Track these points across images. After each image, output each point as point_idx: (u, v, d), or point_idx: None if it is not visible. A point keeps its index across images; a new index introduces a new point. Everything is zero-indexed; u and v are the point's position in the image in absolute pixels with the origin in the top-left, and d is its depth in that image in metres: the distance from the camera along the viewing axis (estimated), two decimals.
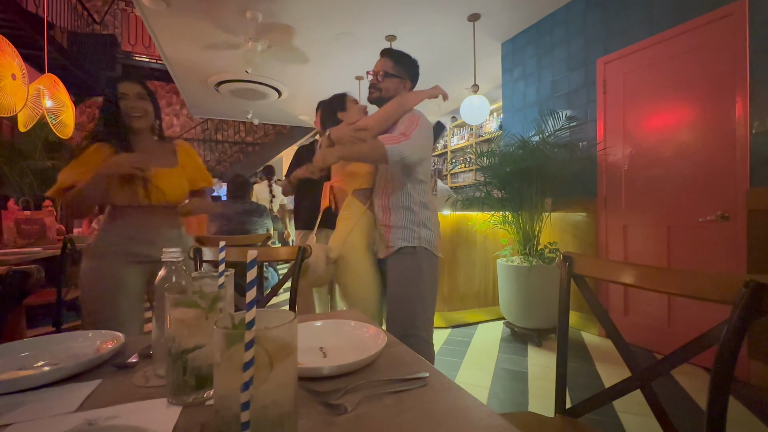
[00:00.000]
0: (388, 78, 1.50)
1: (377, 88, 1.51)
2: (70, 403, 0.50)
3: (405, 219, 1.44)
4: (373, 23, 3.45)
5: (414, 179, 1.45)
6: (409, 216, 1.44)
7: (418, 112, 1.45)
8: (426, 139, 1.42)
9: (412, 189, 1.45)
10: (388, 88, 1.51)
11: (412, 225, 1.43)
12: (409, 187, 1.45)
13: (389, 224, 1.45)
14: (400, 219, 1.44)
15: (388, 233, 1.45)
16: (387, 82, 1.50)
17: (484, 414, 0.46)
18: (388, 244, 1.44)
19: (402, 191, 1.45)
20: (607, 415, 1.66)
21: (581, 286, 0.87)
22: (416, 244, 1.41)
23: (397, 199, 1.45)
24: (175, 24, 3.52)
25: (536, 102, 3.39)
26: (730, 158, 2.11)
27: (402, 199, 1.44)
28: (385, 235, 1.46)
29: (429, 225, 1.46)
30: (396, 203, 1.45)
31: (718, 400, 0.59)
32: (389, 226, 1.45)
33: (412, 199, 1.45)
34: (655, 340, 2.47)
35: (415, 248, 1.41)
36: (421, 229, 1.44)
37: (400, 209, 1.44)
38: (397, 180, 1.45)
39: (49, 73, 3.10)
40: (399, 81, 1.52)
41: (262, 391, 0.33)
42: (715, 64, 2.18)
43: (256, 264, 0.35)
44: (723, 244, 2.15)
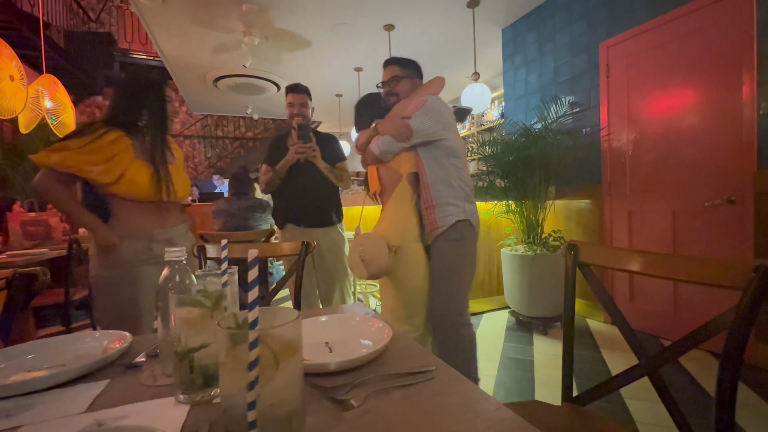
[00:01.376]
0: (400, 81, 1.60)
1: (394, 93, 1.61)
2: (79, 404, 0.50)
3: (448, 195, 1.46)
4: (371, 13, 3.40)
5: (450, 156, 1.49)
6: (450, 191, 1.47)
7: (427, 97, 1.49)
8: (433, 118, 1.45)
9: (451, 166, 1.49)
10: (404, 90, 1.60)
11: (456, 200, 1.47)
12: (447, 165, 1.48)
13: (432, 203, 1.46)
14: (443, 195, 1.46)
15: (432, 213, 1.46)
16: (401, 86, 1.60)
17: (492, 406, 0.46)
18: (436, 224, 1.45)
19: (441, 169, 1.48)
20: (614, 402, 1.67)
21: (586, 275, 0.87)
22: (462, 217, 1.45)
23: (435, 178, 1.47)
24: (171, 20, 3.48)
25: (538, 88, 3.34)
26: (736, 141, 2.08)
27: (440, 175, 1.47)
28: (428, 218, 1.47)
29: (470, 199, 1.52)
30: (435, 180, 1.47)
31: (728, 386, 0.59)
32: (432, 206, 1.46)
33: (450, 174, 1.48)
34: (661, 326, 2.46)
35: (463, 224, 1.45)
36: (464, 203, 1.48)
37: (441, 186, 1.47)
38: (433, 159, 1.48)
39: (48, 73, 3.10)
40: (410, 81, 1.61)
41: (268, 389, 0.33)
42: (721, 44, 2.13)
43: (257, 263, 0.35)
44: (729, 228, 2.12)
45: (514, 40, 3.60)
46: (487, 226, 3.13)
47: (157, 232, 1.30)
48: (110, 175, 1.20)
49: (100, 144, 1.18)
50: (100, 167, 1.18)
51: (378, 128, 1.52)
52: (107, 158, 1.20)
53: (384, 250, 1.40)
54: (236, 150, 8.74)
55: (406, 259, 1.46)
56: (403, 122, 1.45)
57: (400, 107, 1.57)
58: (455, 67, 4.60)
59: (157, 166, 1.27)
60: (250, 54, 3.91)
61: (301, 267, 1.27)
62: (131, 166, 1.23)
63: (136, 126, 1.29)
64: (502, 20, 3.58)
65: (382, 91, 1.65)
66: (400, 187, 1.50)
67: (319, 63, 4.55)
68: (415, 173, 1.51)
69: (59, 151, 1.15)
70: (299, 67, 4.64)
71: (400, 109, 1.56)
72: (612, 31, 2.70)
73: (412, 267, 1.47)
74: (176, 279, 0.59)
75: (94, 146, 1.18)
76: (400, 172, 1.51)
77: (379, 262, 1.41)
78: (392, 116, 1.55)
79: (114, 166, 1.21)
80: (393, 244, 1.43)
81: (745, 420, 1.51)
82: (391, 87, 1.60)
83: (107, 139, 1.20)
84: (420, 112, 1.44)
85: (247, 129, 8.94)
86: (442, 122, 1.47)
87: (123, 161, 1.22)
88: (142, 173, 1.24)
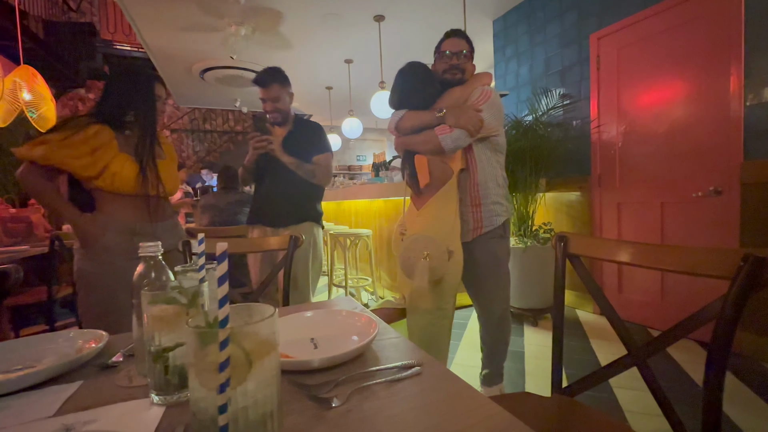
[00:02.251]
0: (469, 61, 1.47)
1: (461, 69, 1.45)
2: (48, 407, 0.48)
3: (496, 194, 1.43)
4: (360, 3, 3.34)
5: (497, 152, 1.45)
6: (498, 191, 1.44)
7: (489, 87, 1.42)
8: (497, 112, 1.39)
9: (497, 163, 1.45)
10: (470, 70, 1.47)
11: (502, 199, 1.45)
12: (494, 162, 1.44)
13: (480, 203, 1.42)
14: (493, 195, 1.43)
15: (478, 212, 1.42)
16: (469, 65, 1.47)
17: (481, 402, 0.45)
18: (482, 223, 1.42)
19: (490, 166, 1.43)
20: (603, 391, 1.69)
21: (576, 266, 0.86)
22: (506, 216, 1.45)
23: (486, 175, 1.42)
24: (155, 9, 3.38)
25: (529, 81, 3.33)
26: (723, 132, 2.09)
27: (490, 172, 1.43)
28: (475, 216, 1.42)
29: (509, 196, 1.52)
30: (485, 178, 1.42)
31: (715, 375, 0.59)
32: (479, 204, 1.42)
33: (497, 172, 1.45)
34: (648, 315, 2.50)
35: (507, 222, 1.45)
36: (507, 202, 1.47)
37: (491, 185, 1.43)
38: (485, 155, 1.43)
39: (26, 64, 2.98)
40: (473, 65, 1.50)
41: (240, 391, 0.31)
42: (710, 36, 2.13)
43: (226, 257, 0.32)
44: (716, 218, 2.15)
45: (505, 32, 3.58)
46: None
47: (142, 226, 1.28)
48: (93, 168, 1.18)
49: (82, 137, 1.16)
50: (82, 160, 1.16)
51: (449, 119, 1.34)
52: (90, 151, 1.17)
53: (445, 255, 1.35)
54: (225, 144, 8.59)
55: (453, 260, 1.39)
56: (477, 115, 1.33)
57: (461, 94, 1.41)
58: None
59: (143, 161, 1.25)
60: (238, 45, 3.82)
61: (289, 262, 1.25)
62: (115, 160, 1.21)
63: (123, 120, 1.26)
64: (493, 11, 3.55)
65: (445, 63, 1.44)
66: (450, 184, 1.38)
67: (309, 54, 4.47)
68: (463, 170, 1.42)
69: (41, 144, 1.13)
70: (288, 58, 4.56)
71: (462, 96, 1.41)
72: (602, 23, 2.69)
73: (454, 268, 1.40)
74: (151, 275, 0.56)
75: (76, 139, 1.15)
76: (452, 168, 1.39)
77: (443, 268, 1.35)
78: (456, 105, 1.38)
79: (97, 159, 1.18)
80: (451, 248, 1.36)
81: (731, 408, 1.54)
82: (460, 61, 1.42)
83: (89, 132, 1.18)
84: (487, 104, 1.34)
85: (236, 122, 8.79)
86: (501, 117, 1.42)
87: (106, 154, 1.20)
88: (126, 167, 1.22)
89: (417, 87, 1.46)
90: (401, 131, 1.49)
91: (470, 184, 1.42)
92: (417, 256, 1.38)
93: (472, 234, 1.43)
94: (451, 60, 1.43)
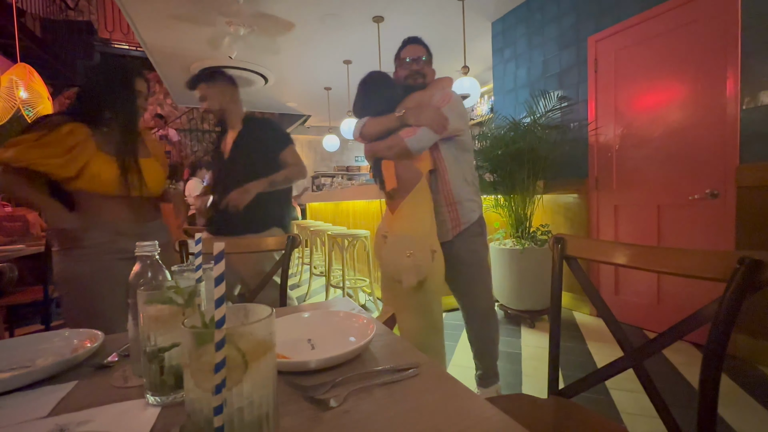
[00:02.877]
0: (427, 64, 1.52)
1: (422, 74, 1.49)
2: (42, 407, 0.47)
3: (468, 192, 1.48)
4: (359, 4, 3.34)
5: (465, 151, 1.49)
6: (469, 188, 1.48)
7: (450, 90, 1.47)
8: (460, 113, 1.43)
9: (465, 162, 1.49)
10: (429, 74, 1.52)
11: (474, 196, 1.49)
12: (462, 161, 1.48)
13: (454, 201, 1.46)
14: (465, 192, 1.47)
15: (455, 211, 1.46)
16: (428, 69, 1.52)
17: (477, 404, 0.45)
18: (460, 221, 1.46)
19: (459, 165, 1.47)
20: (599, 393, 1.69)
21: (573, 268, 0.86)
22: (480, 212, 1.50)
23: (455, 175, 1.46)
24: (153, 8, 3.37)
25: (527, 83, 3.34)
26: (720, 135, 2.11)
27: (459, 172, 1.47)
28: (452, 215, 1.46)
29: (479, 194, 1.55)
30: (455, 177, 1.46)
31: (711, 377, 0.59)
32: (455, 203, 1.46)
33: (466, 171, 1.49)
34: (645, 317, 2.51)
35: (482, 218, 1.50)
36: (478, 198, 1.52)
37: (462, 183, 1.47)
38: (452, 155, 1.46)
39: (23, 62, 2.97)
40: (432, 70, 1.54)
41: (236, 392, 0.31)
42: (707, 39, 2.15)
43: (223, 257, 0.32)
44: (712, 221, 2.16)
45: (504, 34, 3.59)
46: None
47: (125, 226, 1.24)
48: (70, 168, 1.13)
49: (55, 136, 1.11)
50: (57, 160, 1.11)
51: (410, 119, 1.36)
52: (65, 150, 1.12)
53: (429, 254, 1.35)
54: None
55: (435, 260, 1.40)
56: (440, 112, 1.35)
57: (422, 97, 1.44)
58: (444, 60, 4.57)
59: (124, 160, 1.20)
60: (236, 45, 3.82)
61: (286, 262, 1.25)
62: (94, 159, 1.16)
63: (101, 118, 1.21)
64: (491, 13, 3.56)
65: (405, 69, 1.47)
66: (421, 185, 1.39)
67: (308, 55, 4.47)
68: (432, 171, 1.46)
69: (13, 146, 1.09)
70: (287, 58, 4.56)
71: (424, 99, 1.43)
72: (600, 25, 2.70)
73: (437, 267, 1.40)
74: (148, 275, 0.56)
75: (50, 139, 1.10)
76: (420, 170, 1.40)
77: (427, 267, 1.34)
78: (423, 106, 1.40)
79: (73, 158, 1.13)
80: (434, 247, 1.37)
81: (725, 410, 1.54)
82: (420, 66, 1.47)
83: (63, 130, 1.13)
84: (449, 105, 1.39)
85: None
86: (465, 117, 1.45)
87: (83, 154, 1.15)
88: (106, 167, 1.17)
89: (378, 94, 1.48)
90: (366, 138, 1.49)
91: (441, 185, 1.46)
92: (401, 257, 1.36)
93: (451, 233, 1.47)
94: (411, 66, 1.48)
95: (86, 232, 1.17)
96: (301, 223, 4.85)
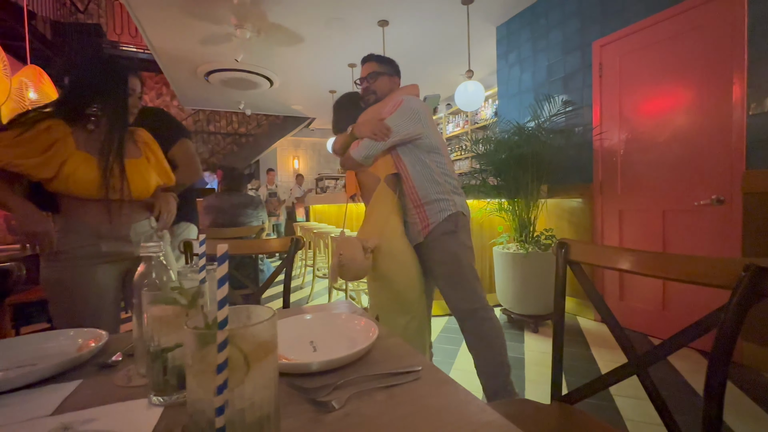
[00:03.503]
0: (378, 78, 1.58)
1: (371, 91, 1.59)
2: (46, 405, 0.48)
3: (436, 192, 1.47)
4: (365, 8, 3.37)
5: (430, 152, 1.49)
6: (437, 188, 1.47)
7: (403, 97, 1.49)
8: (411, 117, 1.45)
9: (432, 162, 1.49)
10: (382, 87, 1.59)
11: (445, 195, 1.48)
12: (428, 162, 1.49)
13: (421, 202, 1.48)
14: (431, 193, 1.47)
15: (422, 212, 1.47)
16: (379, 83, 1.59)
17: (479, 408, 0.45)
18: (428, 221, 1.46)
19: (424, 167, 1.48)
20: (603, 399, 1.67)
21: (577, 273, 0.86)
22: (454, 210, 1.46)
23: (420, 177, 1.48)
24: (161, 11, 3.41)
25: (532, 87, 3.34)
26: (726, 141, 2.09)
27: (424, 173, 1.48)
28: (421, 216, 1.48)
29: (457, 191, 1.52)
30: (420, 179, 1.48)
31: (716, 385, 0.58)
32: (421, 204, 1.48)
33: (433, 171, 1.48)
34: (650, 323, 2.48)
35: (456, 216, 1.45)
36: (453, 196, 1.48)
37: (429, 184, 1.48)
38: (414, 158, 1.48)
39: (33, 64, 3.01)
40: (388, 78, 1.60)
41: (238, 393, 0.31)
42: (713, 44, 2.14)
43: (227, 259, 0.33)
44: (718, 227, 2.14)
45: (509, 38, 3.59)
46: (480, 225, 3.13)
47: (107, 229, 1.16)
48: (48, 168, 1.05)
49: (32, 134, 1.03)
50: (33, 160, 1.03)
51: (355, 132, 1.51)
52: (42, 149, 1.04)
53: (359, 253, 1.39)
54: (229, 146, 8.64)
55: (392, 256, 1.46)
56: (380, 122, 1.45)
57: (375, 109, 1.56)
58: (449, 64, 4.59)
59: (106, 160, 1.11)
60: (242, 48, 3.86)
61: (290, 264, 1.25)
62: (71, 159, 1.07)
63: (84, 115, 1.13)
64: (496, 17, 3.57)
65: (360, 90, 1.64)
66: (379, 189, 1.50)
67: (313, 58, 4.50)
68: (395, 174, 1.52)
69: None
70: (292, 61, 4.59)
71: (376, 111, 1.55)
72: (605, 30, 2.70)
73: (401, 263, 1.46)
74: (152, 275, 0.56)
75: (26, 137, 1.02)
76: (378, 176, 1.50)
77: (356, 265, 1.39)
78: (368, 118, 1.54)
79: (50, 158, 1.05)
80: (369, 245, 1.42)
81: (730, 418, 1.52)
82: (369, 83, 1.59)
83: (40, 127, 1.05)
84: (397, 112, 1.45)
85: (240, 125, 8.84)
86: (419, 121, 1.47)
87: (61, 152, 1.06)
88: (83, 167, 1.08)
89: (345, 113, 1.67)
90: (336, 153, 1.65)
91: (407, 188, 1.51)
92: (336, 260, 1.44)
93: (422, 234, 1.48)
94: (362, 85, 1.62)
95: (66, 236, 1.11)
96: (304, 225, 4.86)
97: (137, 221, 1.25)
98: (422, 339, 1.51)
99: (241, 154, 8.34)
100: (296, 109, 7.10)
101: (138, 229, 1.24)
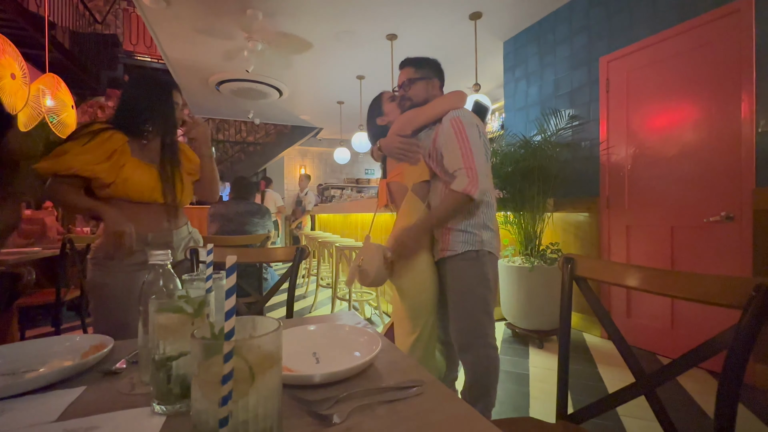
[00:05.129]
0: (414, 84, 1.49)
1: (407, 98, 1.50)
2: (50, 411, 0.48)
3: (465, 222, 1.35)
4: (374, 21, 3.43)
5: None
6: (468, 219, 1.35)
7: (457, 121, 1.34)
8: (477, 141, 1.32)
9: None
10: (417, 93, 1.48)
11: (473, 228, 1.35)
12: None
13: (448, 226, 1.37)
14: (460, 222, 1.35)
15: (447, 235, 1.38)
16: (414, 89, 1.49)
17: (483, 426, 0.44)
18: (447, 247, 1.37)
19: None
20: (609, 419, 1.63)
21: (583, 289, 0.85)
22: (479, 248, 1.33)
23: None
24: (176, 23, 3.51)
25: (538, 101, 3.36)
26: (735, 158, 2.08)
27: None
28: (444, 237, 1.39)
29: (491, 225, 1.39)
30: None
31: (727, 407, 0.57)
32: (449, 228, 1.37)
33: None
34: (658, 342, 2.43)
35: (478, 252, 1.33)
36: (482, 231, 1.35)
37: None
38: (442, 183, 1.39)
39: (51, 72, 3.10)
40: (426, 82, 1.49)
41: (242, 405, 0.31)
42: (721, 61, 2.14)
43: (235, 270, 0.33)
44: (728, 245, 2.11)
45: (515, 53, 3.63)
46: None
47: (154, 236, 1.26)
48: (112, 173, 1.17)
49: (96, 142, 1.16)
50: (101, 165, 1.15)
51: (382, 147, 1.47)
52: (106, 156, 1.16)
53: (379, 260, 1.36)
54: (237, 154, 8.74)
55: (409, 270, 1.40)
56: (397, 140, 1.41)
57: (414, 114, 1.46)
58: (456, 77, 4.63)
59: (162, 167, 1.25)
60: (253, 59, 3.93)
61: (295, 273, 1.25)
62: (128, 165, 1.20)
63: (138, 127, 1.25)
64: (503, 32, 3.61)
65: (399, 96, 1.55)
66: (407, 199, 1.43)
67: (322, 70, 4.58)
68: (425, 182, 1.44)
69: (60, 155, 1.13)
70: (301, 73, 4.67)
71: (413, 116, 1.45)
72: (612, 46, 2.72)
73: (418, 276, 1.39)
74: (160, 283, 0.57)
75: (92, 145, 1.15)
76: (405, 185, 1.43)
77: (374, 271, 1.37)
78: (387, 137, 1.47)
79: (114, 164, 1.18)
80: (390, 254, 1.38)
81: None
82: (405, 91, 1.50)
83: (103, 137, 1.17)
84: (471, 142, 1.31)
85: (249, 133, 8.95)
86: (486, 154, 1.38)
87: (121, 159, 1.19)
88: (138, 173, 1.21)
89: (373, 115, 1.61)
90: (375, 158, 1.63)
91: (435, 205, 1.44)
92: (356, 263, 1.43)
93: (439, 254, 1.41)
94: (398, 92, 1.55)
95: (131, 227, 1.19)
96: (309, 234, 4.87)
97: (178, 227, 1.34)
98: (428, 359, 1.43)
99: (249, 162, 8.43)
100: (304, 119, 7.19)
101: (180, 235, 1.34)
